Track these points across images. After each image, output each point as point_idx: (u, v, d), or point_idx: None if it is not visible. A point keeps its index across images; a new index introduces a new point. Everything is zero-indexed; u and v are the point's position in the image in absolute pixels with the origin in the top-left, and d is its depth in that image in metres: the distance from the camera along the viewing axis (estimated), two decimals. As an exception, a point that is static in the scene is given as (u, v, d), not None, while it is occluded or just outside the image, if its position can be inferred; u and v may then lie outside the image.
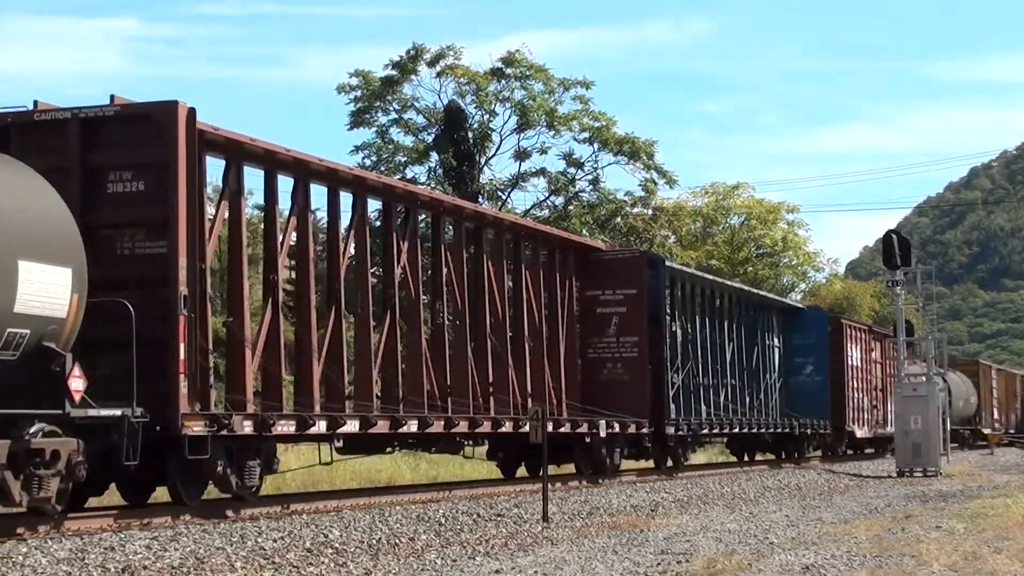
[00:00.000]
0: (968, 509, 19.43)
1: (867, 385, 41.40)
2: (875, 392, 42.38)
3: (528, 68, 51.13)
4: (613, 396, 26.01)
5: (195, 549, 12.14)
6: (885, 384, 43.37)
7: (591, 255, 27.25)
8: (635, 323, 26.49)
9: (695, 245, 60.32)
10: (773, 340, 36.29)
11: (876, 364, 42.95)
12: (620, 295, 26.66)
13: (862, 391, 40.75)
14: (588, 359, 26.62)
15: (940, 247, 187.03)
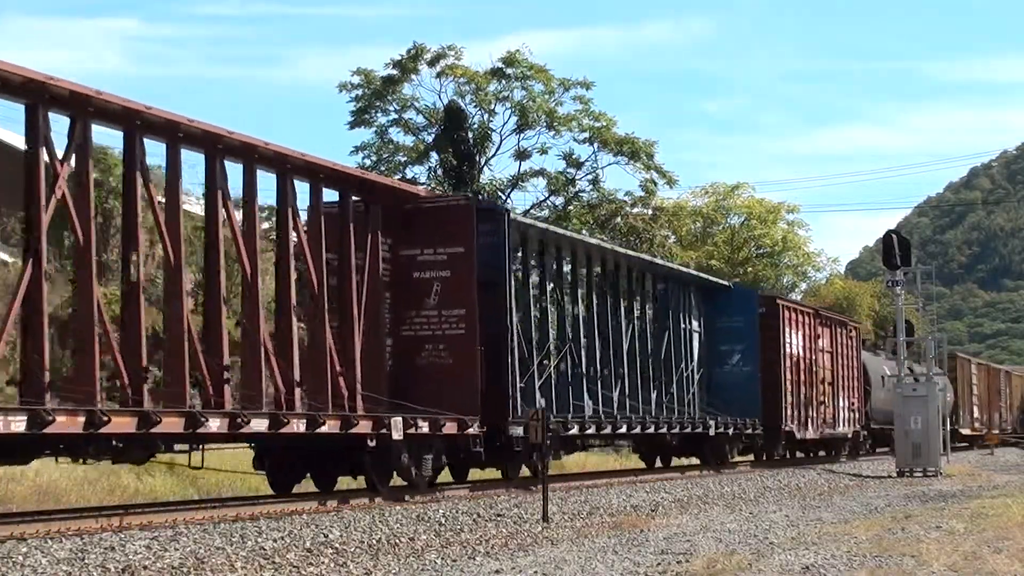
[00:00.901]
0: (968, 509, 19.43)
1: (812, 378, 35.81)
2: (823, 386, 36.84)
3: (528, 68, 51.12)
4: (433, 386, 20.04)
5: (195, 549, 12.14)
6: (838, 377, 38.26)
7: (406, 203, 20.79)
8: (462, 291, 20.38)
9: (695, 245, 60.29)
10: (690, 323, 31.12)
11: (824, 354, 37.44)
12: (443, 255, 20.63)
13: (806, 385, 35.21)
14: (403, 338, 20.50)
15: (940, 247, 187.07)
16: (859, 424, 40.19)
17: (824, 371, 36.95)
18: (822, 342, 37.07)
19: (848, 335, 39.92)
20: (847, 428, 38.75)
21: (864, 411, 41.18)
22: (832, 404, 37.57)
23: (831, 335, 38.12)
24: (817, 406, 36.13)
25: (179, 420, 14.93)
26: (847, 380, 39.22)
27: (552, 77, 51.33)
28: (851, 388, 39.57)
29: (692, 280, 31.97)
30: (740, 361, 32.16)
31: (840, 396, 38.27)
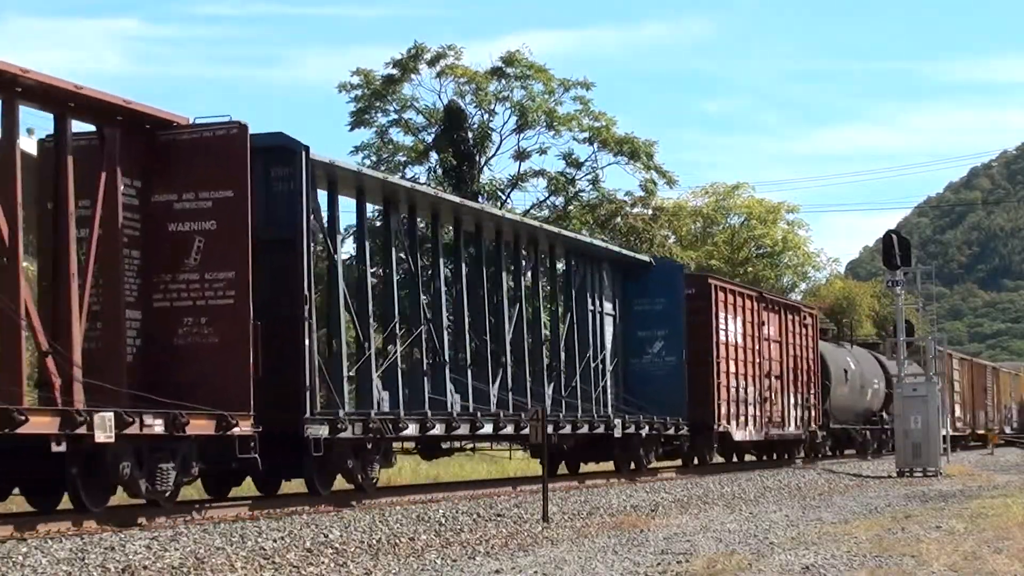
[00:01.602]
0: (968, 509, 19.43)
1: (755, 371, 31.57)
2: (769, 380, 32.59)
3: (528, 68, 51.13)
4: (194, 372, 15.54)
5: (195, 549, 12.14)
6: (788, 370, 34.00)
7: (160, 134, 15.92)
8: (231, 248, 15.61)
9: (695, 245, 60.33)
10: (601, 304, 26.81)
11: (771, 343, 33.09)
12: (207, 201, 15.75)
13: (746, 378, 30.94)
14: (155, 310, 15.78)
15: (940, 247, 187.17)
16: (816, 424, 36.02)
17: (771, 363, 32.76)
18: (769, 329, 32.80)
19: (802, 323, 35.45)
20: (800, 428, 34.69)
21: (823, 409, 36.94)
22: (781, 401, 33.32)
23: (780, 322, 33.80)
24: (761, 403, 31.80)
25: None
26: (800, 374, 34.98)
27: (552, 77, 51.40)
28: (805, 383, 35.24)
29: (604, 254, 27.33)
30: (663, 350, 27.84)
31: (791, 392, 34.07)
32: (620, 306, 27.83)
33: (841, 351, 40.56)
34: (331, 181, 18.45)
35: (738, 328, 30.68)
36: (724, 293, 30.33)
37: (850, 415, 40.09)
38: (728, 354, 29.96)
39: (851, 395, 39.71)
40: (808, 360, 35.68)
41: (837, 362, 38.66)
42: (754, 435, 31.57)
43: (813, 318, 37.03)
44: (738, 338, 30.65)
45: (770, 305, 33.59)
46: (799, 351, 35.06)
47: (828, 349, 38.63)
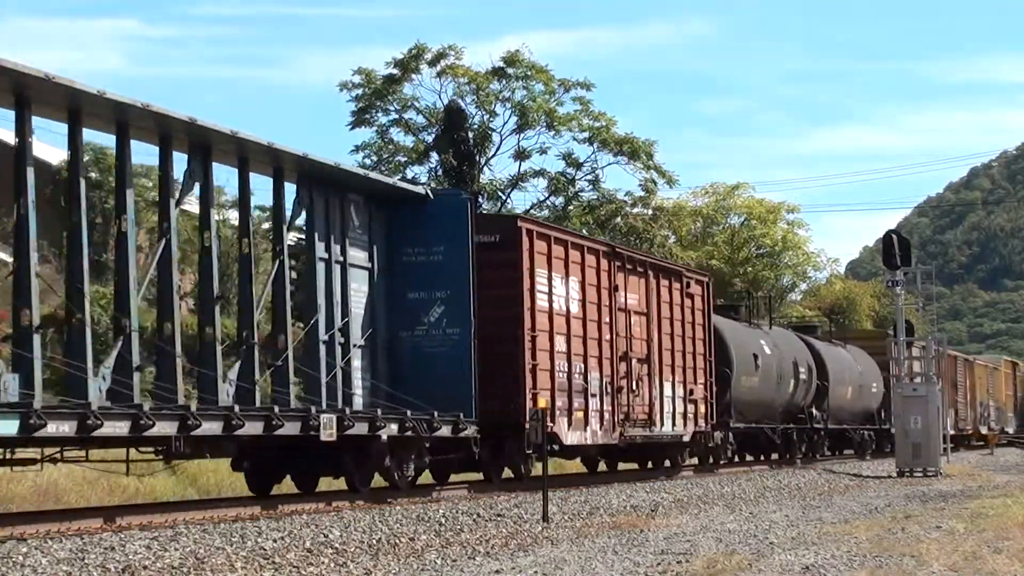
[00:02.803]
0: (968, 509, 19.43)
1: (603, 351, 23.83)
2: (627, 364, 24.73)
3: (529, 68, 51.13)
4: None
5: (195, 549, 12.14)
6: (662, 352, 26.36)
7: None
8: None
9: (695, 245, 60.32)
10: (343, 252, 19.26)
11: (633, 315, 25.16)
12: None
13: (587, 361, 23.14)
14: None
15: (940, 247, 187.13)
16: (709, 422, 28.57)
17: (632, 342, 25.02)
18: (627, 297, 24.90)
19: (685, 291, 27.59)
20: (683, 428, 27.14)
21: (725, 403, 29.81)
22: (649, 392, 25.48)
23: (649, 289, 25.85)
24: (616, 394, 24.11)
25: None
26: (683, 358, 27.39)
27: (552, 77, 51.37)
28: (691, 370, 27.78)
29: (351, 181, 19.57)
30: (444, 319, 20.13)
31: (667, 381, 26.49)
32: (381, 256, 20.02)
33: (751, 332, 33.10)
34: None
35: (572, 292, 22.72)
36: (547, 243, 21.99)
37: (764, 412, 32.75)
38: (554, 327, 21.90)
39: (765, 387, 32.41)
40: (696, 340, 27.97)
41: (743, 344, 31.24)
42: (600, 437, 23.55)
43: (704, 287, 28.94)
44: (572, 306, 22.65)
45: (630, 265, 25.35)
46: (681, 328, 27.34)
47: (729, 328, 31.22)
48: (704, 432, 28.54)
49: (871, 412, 42.73)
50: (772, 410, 33.38)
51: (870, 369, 42.29)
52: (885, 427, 42.49)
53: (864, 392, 41.25)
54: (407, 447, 19.10)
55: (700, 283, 29.15)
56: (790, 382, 34.58)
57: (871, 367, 42.46)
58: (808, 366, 35.96)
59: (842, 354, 40.65)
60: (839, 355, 40.14)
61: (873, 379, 42.20)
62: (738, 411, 30.78)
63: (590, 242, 24.74)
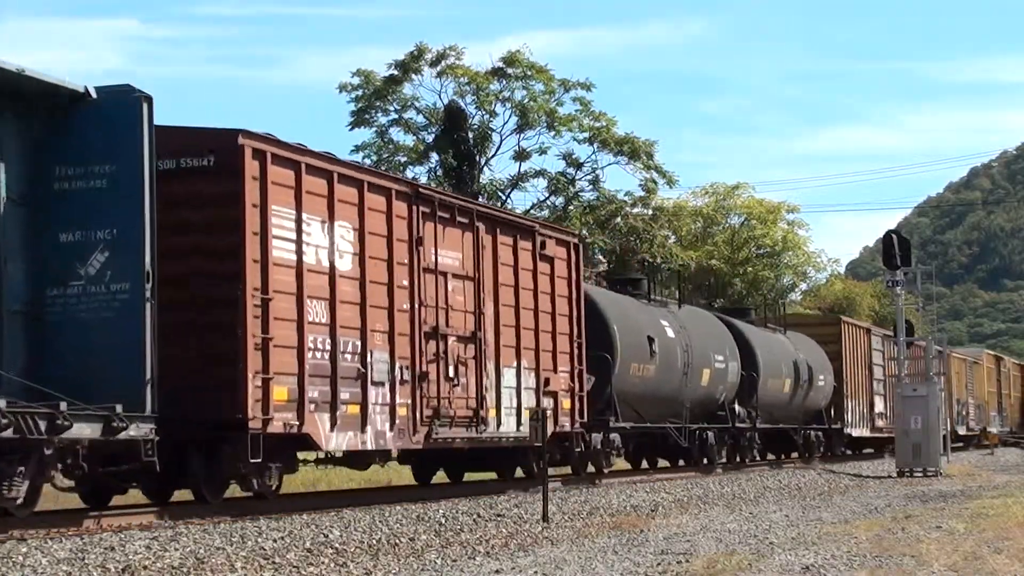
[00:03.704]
0: (968, 509, 19.43)
1: (394, 324, 17.73)
2: (436, 343, 18.70)
3: (529, 68, 51.15)
4: None
5: (195, 549, 12.14)
6: (491, 328, 20.05)
7: None
8: None
9: (695, 245, 60.33)
10: None
11: (446, 279, 19.05)
12: None
13: (367, 336, 17.11)
14: None
15: (940, 247, 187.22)
16: (577, 420, 22.48)
17: (451, 315, 19.05)
18: (439, 255, 18.76)
19: (537, 252, 21.41)
20: (524, 428, 20.49)
21: (605, 397, 23.81)
22: (477, 381, 19.59)
23: (478, 246, 19.74)
24: (419, 383, 18.10)
25: None
26: (535, 338, 21.29)
27: (552, 77, 51.38)
28: (548, 354, 21.69)
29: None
30: (108, 271, 13.67)
31: (508, 368, 20.51)
32: (15, 180, 13.57)
33: (648, 310, 27.12)
34: None
35: (342, 244, 16.76)
36: (294, 172, 15.88)
37: (666, 408, 26.69)
38: (306, 289, 15.87)
39: (665, 377, 26.36)
40: (557, 317, 21.88)
41: (633, 325, 25.34)
42: (389, 440, 17.56)
43: (570, 250, 22.64)
44: (341, 262, 16.70)
45: (445, 213, 18.98)
46: (532, 300, 21.20)
47: (613, 304, 25.10)
48: (572, 433, 22.25)
49: (818, 409, 36.60)
50: (677, 406, 27.09)
51: (817, 359, 36.18)
52: (836, 426, 37.72)
53: (808, 386, 34.90)
54: (10, 455, 12.48)
55: (563, 244, 22.63)
56: (703, 373, 28.23)
57: (818, 357, 36.49)
58: (730, 354, 29.84)
59: (779, 341, 34.45)
60: (775, 342, 33.97)
61: (821, 371, 36.07)
62: (628, 407, 24.51)
63: (376, 177, 18.02)
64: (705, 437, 28.77)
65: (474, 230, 19.88)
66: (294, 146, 16.15)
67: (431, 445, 18.71)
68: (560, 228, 24.46)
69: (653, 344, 25.82)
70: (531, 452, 21.41)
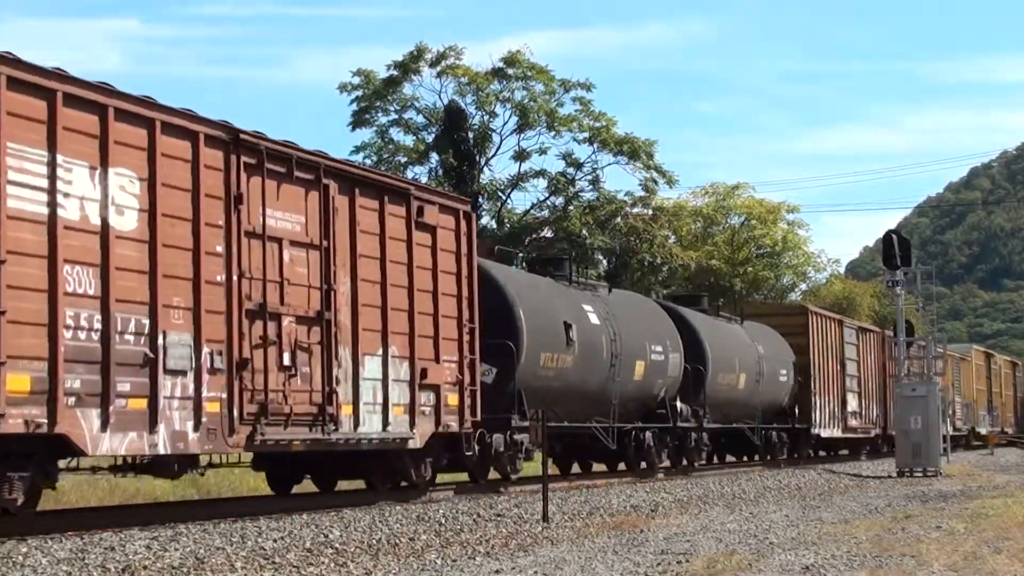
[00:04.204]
0: (968, 509, 19.43)
1: (191, 299, 14.36)
2: (267, 323, 15.34)
3: (529, 68, 51.20)
4: None
5: (195, 549, 12.14)
6: (338, 303, 16.46)
7: None
8: None
9: (695, 245, 60.35)
10: None
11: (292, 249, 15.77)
12: None
13: (153, 312, 13.80)
14: None
15: (940, 247, 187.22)
16: (468, 419, 19.28)
17: (287, 290, 15.76)
18: (268, 216, 15.54)
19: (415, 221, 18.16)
20: (407, 428, 17.78)
21: (508, 392, 20.88)
22: (325, 371, 16.14)
23: (328, 208, 16.36)
24: (236, 372, 14.89)
25: None
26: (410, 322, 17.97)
27: (553, 78, 51.45)
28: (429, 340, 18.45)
29: None
30: None
31: (371, 356, 17.07)
32: None
33: (568, 294, 24.00)
34: None
35: (121, 196, 13.63)
36: (47, 102, 12.85)
37: (590, 406, 23.83)
38: (60, 251, 12.82)
39: (586, 370, 23.23)
40: (443, 297, 18.56)
41: (546, 309, 22.33)
42: (193, 443, 14.28)
43: (459, 220, 19.21)
44: (119, 219, 13.58)
45: (280, 167, 15.75)
46: (407, 276, 17.88)
47: (520, 285, 22.06)
48: (461, 434, 19.11)
49: (780, 407, 33.89)
50: (603, 403, 24.16)
51: (778, 353, 33.44)
52: (802, 426, 34.81)
53: (767, 381, 31.99)
54: None
55: (449, 212, 19.19)
56: (636, 365, 25.11)
57: (780, 350, 33.74)
58: (671, 344, 26.66)
59: (733, 332, 31.55)
60: (727, 333, 31.07)
61: (782, 365, 33.46)
62: (540, 403, 21.15)
63: (174, 116, 14.41)
64: (642, 438, 25.77)
65: (322, 189, 16.35)
66: (49, 70, 12.82)
67: (257, 448, 15.40)
68: (446, 193, 20.66)
69: (570, 331, 22.57)
70: (408, 457, 18.29)
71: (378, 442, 17.23)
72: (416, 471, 18.74)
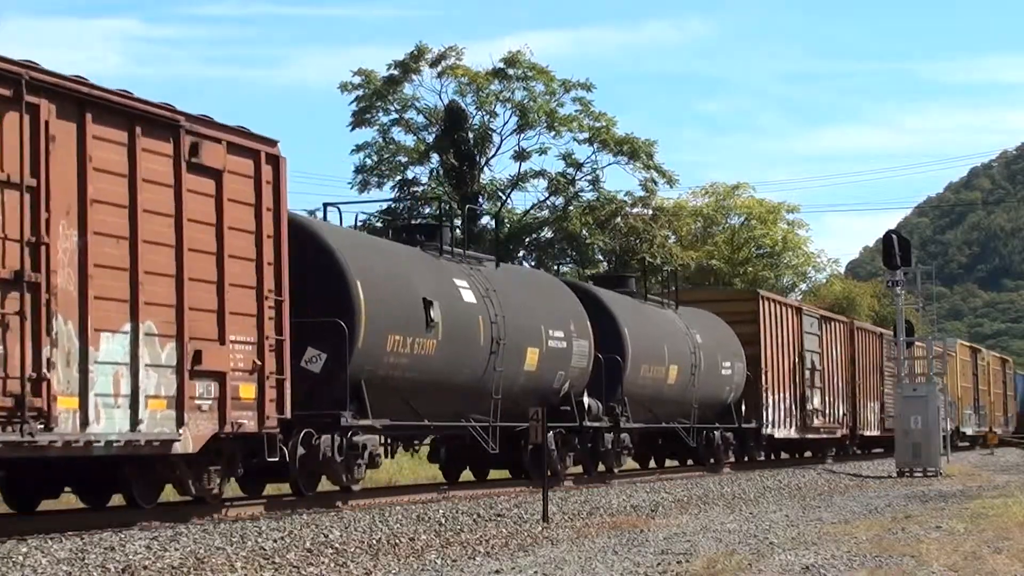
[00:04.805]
0: (968, 509, 19.43)
1: None
2: None
3: (529, 68, 51.22)
4: None
5: (195, 549, 12.14)
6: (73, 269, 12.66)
7: None
8: None
9: (695, 245, 60.35)
10: None
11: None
12: None
13: None
14: None
15: (940, 247, 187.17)
16: (272, 415, 15.32)
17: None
18: None
19: (189, 163, 14.27)
20: (171, 428, 13.90)
21: (339, 382, 16.77)
22: (32, 352, 12.23)
23: (39, 132, 12.35)
24: None
25: None
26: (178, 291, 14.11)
27: (553, 78, 51.46)
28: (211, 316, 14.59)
29: None
30: None
31: (107, 334, 13.16)
32: None
33: (436, 264, 20.05)
34: None
35: None
36: None
37: (455, 401, 19.66)
38: None
39: (453, 357, 19.29)
40: (225, 258, 14.67)
41: (394, 281, 18.52)
42: None
43: (261, 162, 15.29)
44: None
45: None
46: (169, 230, 14.08)
47: (357, 250, 18.18)
48: (261, 435, 15.21)
49: (723, 404, 29.38)
50: (480, 398, 20.12)
51: (721, 342, 29.27)
52: (750, 425, 30.39)
53: (706, 375, 27.87)
54: None
55: (245, 154, 15.23)
56: (527, 353, 21.19)
57: (724, 340, 29.54)
58: (576, 330, 22.63)
59: (663, 318, 27.37)
60: (656, 319, 26.87)
61: (726, 357, 29.15)
62: (393, 398, 18.17)
63: None
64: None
65: (25, 109, 12.27)
66: None
67: None
68: (239, 129, 15.26)
69: (431, 310, 18.45)
70: (183, 464, 14.55)
71: (122, 446, 13.24)
72: (196, 482, 14.74)
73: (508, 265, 24.02)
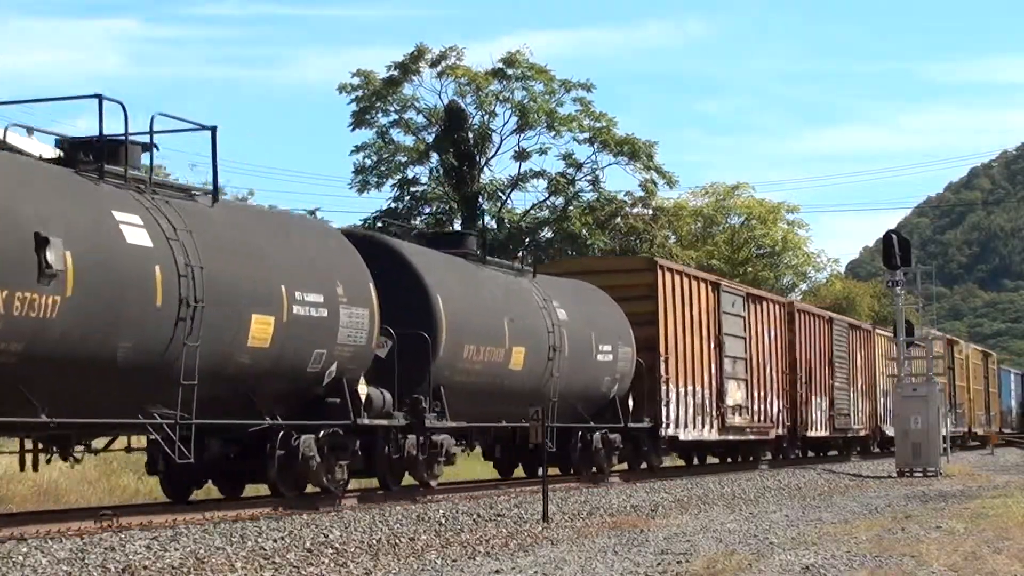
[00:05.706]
0: (968, 509, 19.42)
1: None
2: None
3: (529, 68, 51.22)
4: None
5: (195, 549, 12.14)
6: None
7: None
8: None
9: (695, 245, 60.36)
10: None
11: None
12: None
13: None
14: None
15: (940, 247, 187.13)
16: None
17: None
18: None
19: None
20: None
21: None
22: None
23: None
24: None
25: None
26: None
27: (553, 78, 51.46)
28: None
29: None
30: None
31: None
32: None
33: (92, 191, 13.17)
34: None
35: None
36: None
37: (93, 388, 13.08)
38: None
39: (96, 325, 12.65)
40: None
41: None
42: None
43: None
44: None
45: None
46: None
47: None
48: None
49: (602, 398, 23.41)
50: (160, 387, 13.64)
51: (596, 321, 23.18)
52: (643, 424, 24.41)
53: (572, 360, 21.95)
54: None
55: None
56: (251, 323, 14.59)
57: (604, 317, 23.60)
58: (347, 293, 16.26)
59: (505, 287, 21.10)
60: (493, 287, 20.67)
61: (606, 338, 23.18)
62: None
63: None
64: (295, 444, 15.55)
65: None
66: None
67: None
68: None
69: (45, 252, 11.83)
70: None
71: None
72: None
73: (241, 203, 19.15)
